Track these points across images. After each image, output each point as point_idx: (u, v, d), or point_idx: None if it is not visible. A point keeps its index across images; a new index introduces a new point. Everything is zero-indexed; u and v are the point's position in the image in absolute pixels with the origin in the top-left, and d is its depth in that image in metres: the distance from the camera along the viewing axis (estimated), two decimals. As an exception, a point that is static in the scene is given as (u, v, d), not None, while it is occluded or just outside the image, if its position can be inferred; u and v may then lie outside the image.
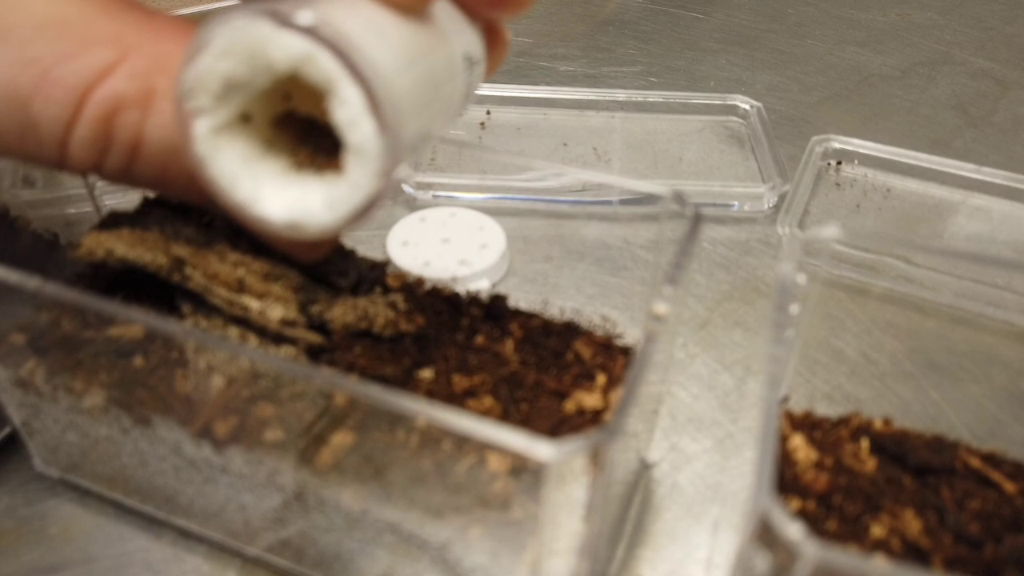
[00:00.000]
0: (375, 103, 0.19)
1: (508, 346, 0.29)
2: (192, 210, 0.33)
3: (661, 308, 0.24)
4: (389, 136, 0.19)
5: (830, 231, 0.27)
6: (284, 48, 0.19)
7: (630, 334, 0.31)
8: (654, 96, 0.53)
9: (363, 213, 0.20)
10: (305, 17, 0.18)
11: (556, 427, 0.26)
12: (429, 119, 0.22)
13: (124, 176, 0.23)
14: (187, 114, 0.20)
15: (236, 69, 0.20)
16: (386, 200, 0.21)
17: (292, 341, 0.28)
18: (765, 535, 0.19)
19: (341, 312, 0.29)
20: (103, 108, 0.21)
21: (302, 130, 0.22)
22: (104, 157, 0.22)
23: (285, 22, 0.18)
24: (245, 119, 0.21)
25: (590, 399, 0.27)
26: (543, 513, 0.22)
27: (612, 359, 0.29)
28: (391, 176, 0.20)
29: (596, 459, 0.20)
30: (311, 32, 0.18)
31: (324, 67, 0.18)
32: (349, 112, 0.19)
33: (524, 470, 0.22)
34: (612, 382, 0.28)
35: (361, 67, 0.18)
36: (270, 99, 0.22)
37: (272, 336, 0.28)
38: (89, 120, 0.21)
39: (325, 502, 0.25)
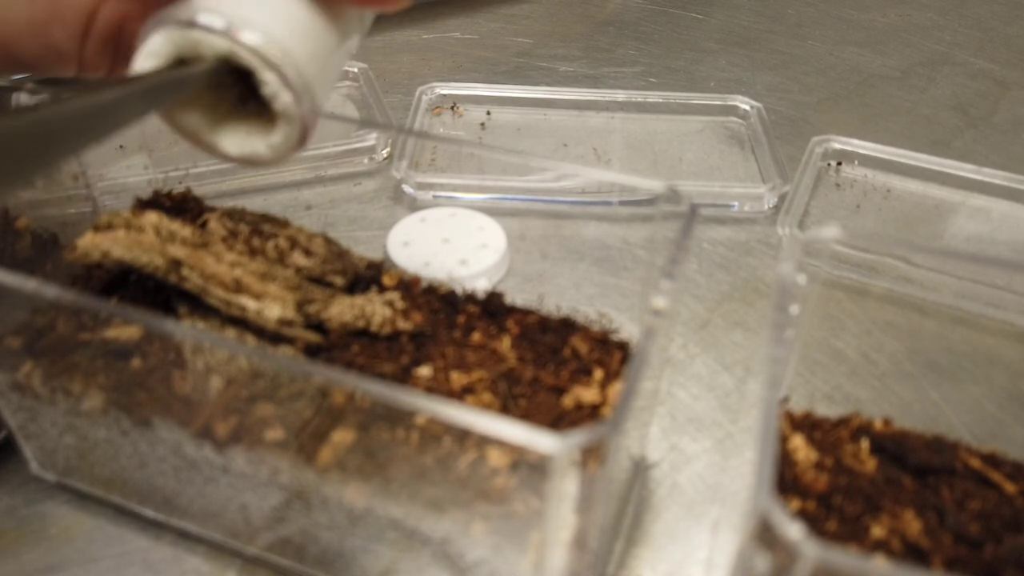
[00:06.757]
0: (288, 82, 0.23)
1: (505, 343, 0.29)
2: (187, 212, 0.33)
3: (659, 302, 0.24)
4: (303, 100, 0.24)
5: (830, 231, 0.27)
6: (211, 46, 0.23)
7: (630, 334, 0.31)
8: (654, 96, 0.53)
9: (298, 148, 0.25)
10: (219, 22, 0.23)
11: (555, 422, 0.26)
12: (336, 68, 0.26)
13: None
14: None
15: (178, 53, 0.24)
16: (386, 200, 0.23)
17: (290, 341, 0.28)
18: (765, 535, 0.19)
19: (338, 311, 0.29)
20: (109, 24, 0.25)
21: (240, 72, 0.26)
22: (115, 62, 0.26)
23: (203, 26, 0.23)
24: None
25: (588, 394, 0.27)
26: (548, 505, 0.22)
27: (609, 354, 0.29)
28: (314, 119, 0.25)
29: (599, 452, 0.20)
30: (228, 35, 0.23)
31: (245, 58, 0.23)
32: (271, 88, 0.23)
33: (525, 464, 0.22)
34: (609, 377, 0.28)
35: (273, 58, 0.23)
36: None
37: (270, 336, 0.28)
38: (98, 36, 0.25)
39: (327, 500, 0.25)
